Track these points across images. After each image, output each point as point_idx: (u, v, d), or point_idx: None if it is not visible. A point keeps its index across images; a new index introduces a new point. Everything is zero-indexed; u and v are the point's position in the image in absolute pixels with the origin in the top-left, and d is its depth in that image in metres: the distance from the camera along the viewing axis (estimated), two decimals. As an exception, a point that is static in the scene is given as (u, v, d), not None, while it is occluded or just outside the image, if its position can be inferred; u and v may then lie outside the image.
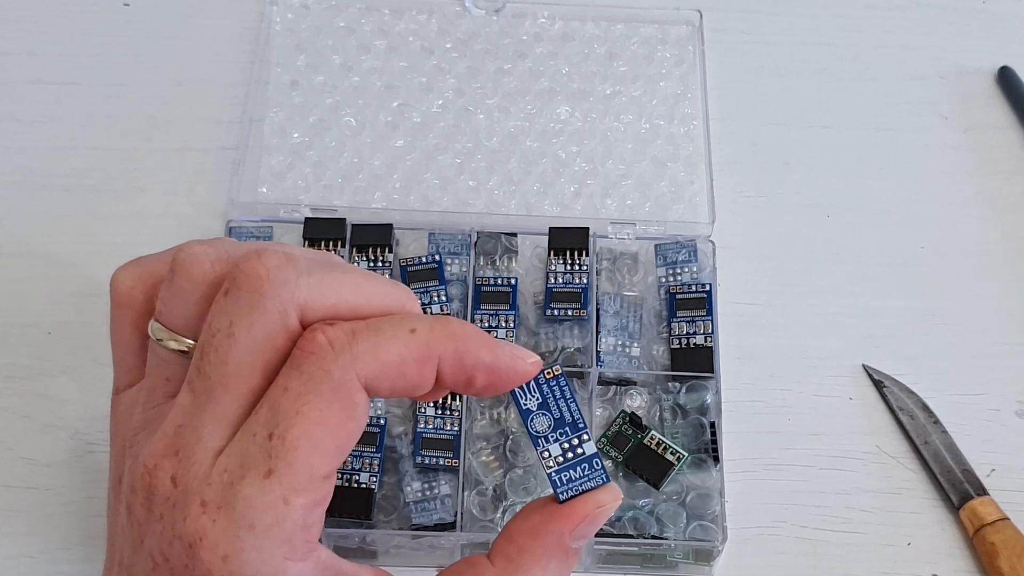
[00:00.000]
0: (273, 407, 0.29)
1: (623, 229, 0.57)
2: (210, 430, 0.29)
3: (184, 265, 0.32)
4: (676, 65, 0.64)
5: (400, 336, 0.30)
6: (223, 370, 0.29)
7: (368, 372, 0.29)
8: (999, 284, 0.58)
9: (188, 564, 0.28)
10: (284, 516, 0.28)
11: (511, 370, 0.32)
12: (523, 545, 0.32)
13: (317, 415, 0.28)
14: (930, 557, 0.51)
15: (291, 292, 0.30)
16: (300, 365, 0.29)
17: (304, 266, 0.30)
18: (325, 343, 0.29)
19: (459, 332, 0.31)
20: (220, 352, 0.29)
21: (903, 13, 0.67)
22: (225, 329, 0.29)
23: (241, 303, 0.29)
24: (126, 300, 0.34)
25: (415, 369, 0.30)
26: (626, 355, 0.54)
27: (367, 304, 0.31)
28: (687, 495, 0.51)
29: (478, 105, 0.62)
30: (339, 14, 0.64)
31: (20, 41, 0.64)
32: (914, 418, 0.54)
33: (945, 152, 0.62)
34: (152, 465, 0.29)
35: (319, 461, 0.29)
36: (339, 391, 0.29)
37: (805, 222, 0.60)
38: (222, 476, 0.28)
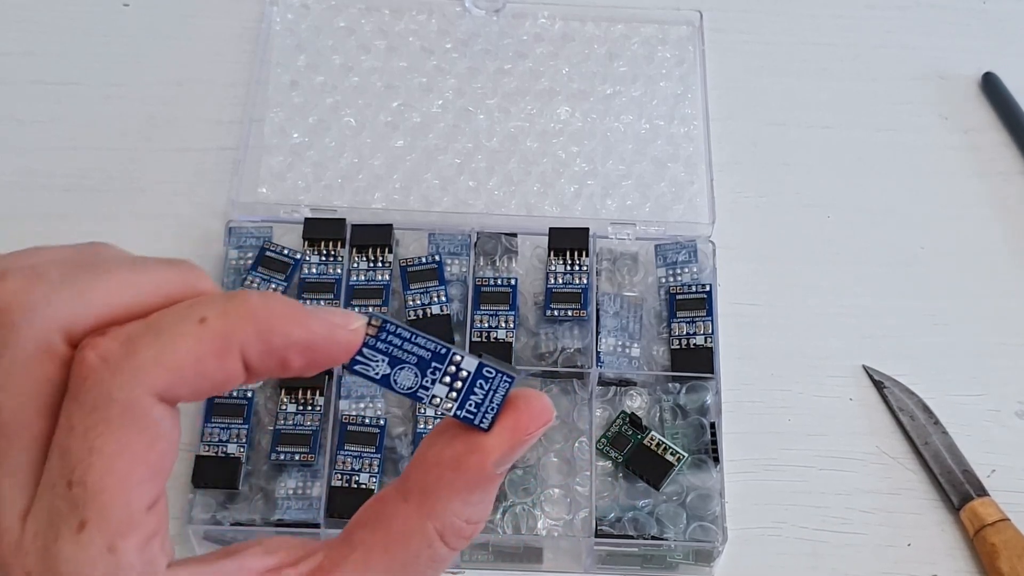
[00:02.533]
0: (63, 452, 0.25)
1: (623, 229, 0.57)
2: (8, 492, 0.26)
3: None
4: (676, 65, 0.64)
5: (187, 331, 0.25)
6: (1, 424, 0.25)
7: (158, 383, 0.25)
8: (999, 285, 0.58)
9: None
10: (116, 565, 0.25)
11: (331, 343, 0.27)
12: (441, 477, 0.28)
13: (114, 448, 0.25)
14: (930, 558, 0.51)
15: (44, 314, 0.26)
16: (77, 395, 0.25)
17: (56, 277, 0.26)
18: (97, 361, 0.25)
19: (260, 310, 0.26)
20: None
21: (903, 13, 0.67)
22: None
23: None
24: None
25: (214, 364, 0.26)
26: (626, 356, 0.54)
27: (144, 298, 0.27)
28: (687, 496, 0.51)
29: (478, 105, 0.62)
30: (339, 14, 0.64)
31: (20, 41, 0.64)
32: (914, 419, 0.54)
33: (945, 152, 0.62)
34: None
35: (135, 495, 0.25)
36: (129, 413, 0.25)
37: (805, 222, 0.60)
38: (35, 542, 0.25)
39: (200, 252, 0.57)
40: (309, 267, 0.55)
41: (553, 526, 0.51)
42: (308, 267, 0.55)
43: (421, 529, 0.28)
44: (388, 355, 0.29)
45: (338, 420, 0.51)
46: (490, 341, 0.53)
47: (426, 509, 0.28)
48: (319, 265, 0.55)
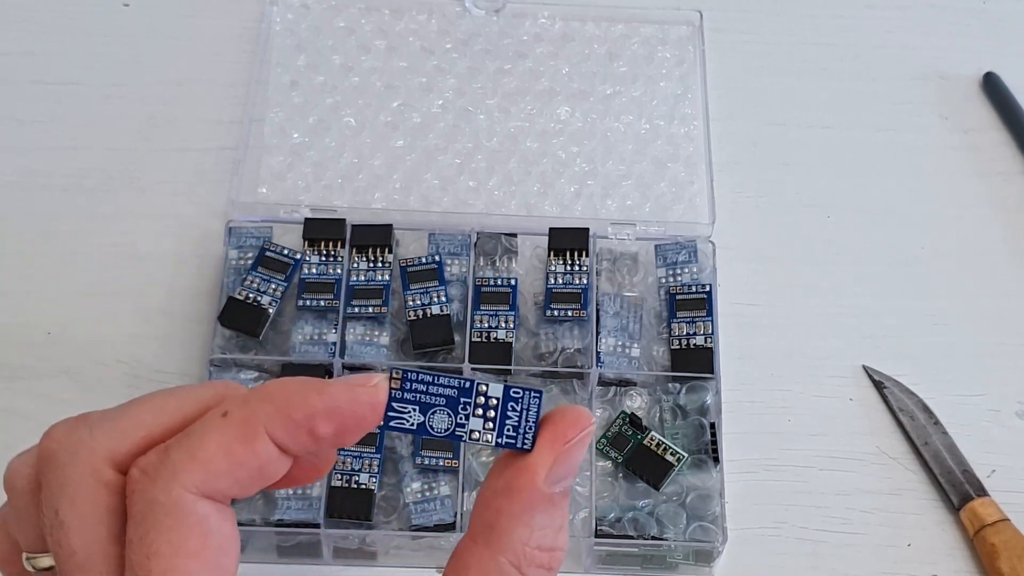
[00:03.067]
0: (129, 567, 0.26)
1: (623, 229, 0.57)
2: None
3: (9, 482, 0.30)
4: (676, 65, 0.64)
5: (211, 426, 0.27)
6: (74, 561, 0.27)
7: (194, 479, 0.26)
8: (999, 285, 0.58)
9: None
10: None
11: (354, 403, 0.28)
12: (499, 508, 0.29)
13: (168, 548, 0.26)
14: (930, 558, 0.51)
15: (90, 448, 0.27)
16: (131, 509, 0.27)
17: (95, 418, 0.28)
18: (138, 474, 0.27)
19: (276, 390, 0.27)
20: (63, 544, 0.27)
21: (903, 13, 0.67)
22: (54, 519, 0.27)
23: (52, 485, 0.27)
24: None
25: (243, 452, 0.27)
26: (626, 356, 0.54)
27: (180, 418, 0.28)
28: (687, 496, 0.51)
29: (478, 105, 0.62)
30: (339, 14, 0.64)
31: (20, 41, 0.64)
32: (914, 419, 0.54)
33: (945, 152, 0.62)
34: None
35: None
36: (174, 514, 0.26)
37: (805, 222, 0.60)
38: None
39: (200, 252, 0.57)
40: (309, 267, 0.55)
41: (553, 526, 0.51)
42: (308, 267, 0.55)
43: (496, 567, 0.28)
44: (417, 403, 0.29)
45: (338, 420, 0.51)
46: (490, 341, 0.53)
47: (494, 545, 0.29)
48: (319, 265, 0.55)
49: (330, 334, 0.53)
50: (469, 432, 0.29)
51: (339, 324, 0.53)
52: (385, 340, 0.54)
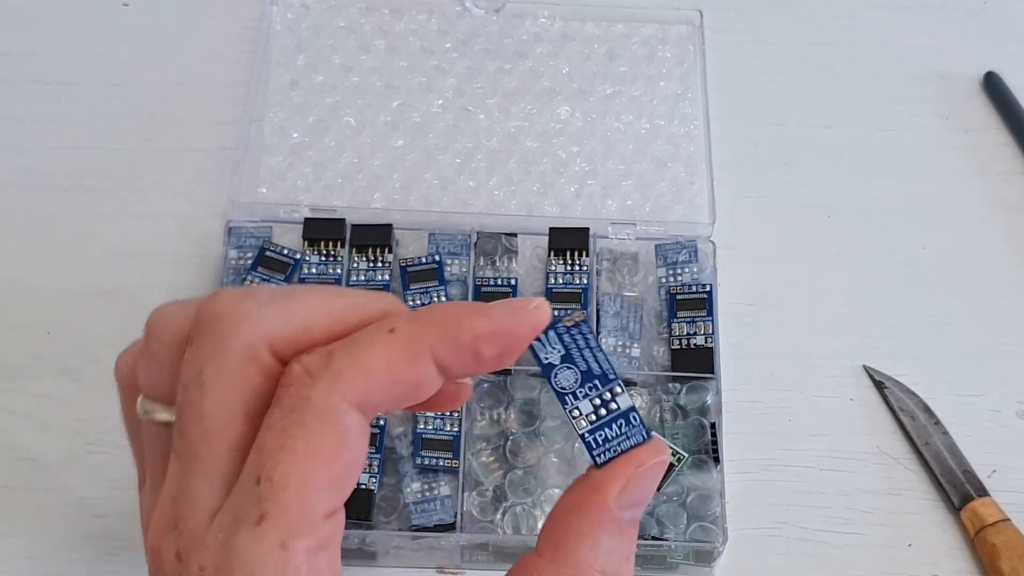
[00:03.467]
0: (258, 449, 0.26)
1: (623, 229, 0.57)
2: (203, 493, 0.27)
3: (152, 329, 0.29)
4: (676, 65, 0.64)
5: (378, 340, 0.27)
6: (202, 424, 0.27)
7: (354, 390, 0.27)
8: (1000, 284, 0.58)
9: None
10: (284, 562, 0.25)
11: (516, 326, 0.28)
12: (568, 526, 0.29)
13: (304, 448, 0.26)
14: (931, 558, 0.51)
15: (254, 325, 0.27)
16: (280, 400, 0.27)
17: (265, 296, 0.28)
18: (301, 372, 0.27)
19: (443, 313, 0.28)
20: (195, 405, 0.27)
21: (903, 13, 0.67)
22: (195, 379, 0.27)
23: (205, 347, 0.27)
24: (125, 382, 0.32)
25: (406, 370, 0.27)
26: (626, 356, 0.54)
27: (343, 321, 0.28)
28: (687, 496, 0.51)
29: (478, 105, 0.62)
30: (339, 14, 0.64)
31: (20, 41, 0.64)
32: (915, 419, 0.54)
33: (945, 152, 0.62)
34: (156, 547, 0.27)
35: (315, 497, 0.26)
36: (323, 418, 0.26)
37: (805, 222, 0.60)
38: (217, 536, 0.26)
39: (200, 252, 0.57)
40: (309, 267, 0.55)
41: (553, 526, 0.51)
42: (308, 267, 0.55)
43: None
44: (565, 349, 0.29)
45: (338, 420, 0.51)
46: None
47: (559, 560, 0.29)
48: (319, 265, 0.55)
49: (330, 334, 0.53)
50: (575, 407, 0.29)
51: (339, 324, 0.53)
52: (385, 340, 0.54)
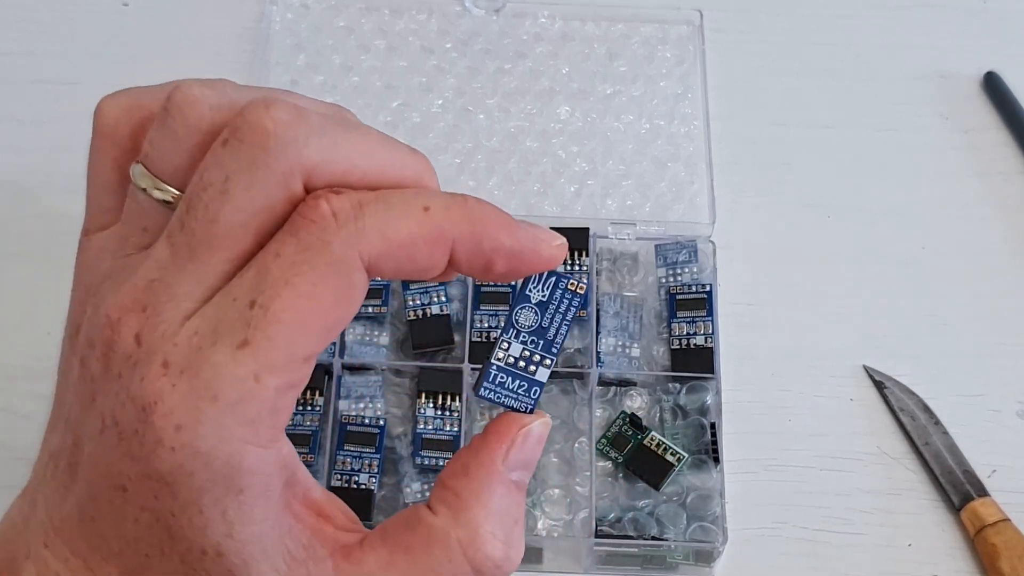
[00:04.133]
0: (261, 272, 0.26)
1: (623, 229, 0.57)
2: (186, 290, 0.26)
3: (180, 106, 0.29)
4: (676, 65, 0.64)
5: (412, 213, 0.27)
6: (211, 228, 0.26)
7: (372, 250, 0.26)
8: (1000, 285, 0.58)
9: (138, 429, 0.25)
10: (252, 394, 0.25)
11: (534, 254, 0.29)
12: (457, 487, 0.29)
13: (309, 289, 0.25)
14: (931, 558, 0.51)
15: (299, 152, 0.26)
16: (298, 232, 0.26)
17: (316, 124, 0.27)
18: (328, 212, 0.26)
19: (477, 213, 0.28)
20: (210, 208, 0.26)
21: (903, 13, 0.67)
22: (219, 184, 0.26)
23: (241, 157, 0.26)
24: (110, 133, 0.31)
25: (425, 251, 0.27)
26: (626, 356, 0.54)
27: (380, 173, 0.28)
28: (687, 496, 0.51)
29: (478, 105, 0.62)
30: (339, 14, 0.64)
31: (20, 41, 0.64)
32: (915, 419, 0.54)
33: (945, 152, 0.62)
34: (116, 318, 0.26)
35: (302, 340, 0.25)
36: (337, 267, 0.26)
37: (805, 222, 0.60)
38: (191, 339, 0.25)
39: (200, 252, 0.57)
40: (309, 267, 0.55)
41: (553, 526, 0.51)
42: (308, 267, 0.55)
43: (444, 539, 0.29)
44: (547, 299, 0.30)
45: (337, 420, 0.51)
46: (490, 341, 0.53)
47: (449, 517, 0.29)
48: (319, 265, 0.55)
49: (330, 334, 0.53)
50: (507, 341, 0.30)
51: (339, 324, 0.53)
52: (385, 340, 0.54)
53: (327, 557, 0.27)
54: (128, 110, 0.31)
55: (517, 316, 0.30)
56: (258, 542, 0.26)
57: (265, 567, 0.26)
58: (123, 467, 0.26)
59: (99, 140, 0.31)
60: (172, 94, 0.29)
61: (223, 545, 0.26)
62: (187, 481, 0.25)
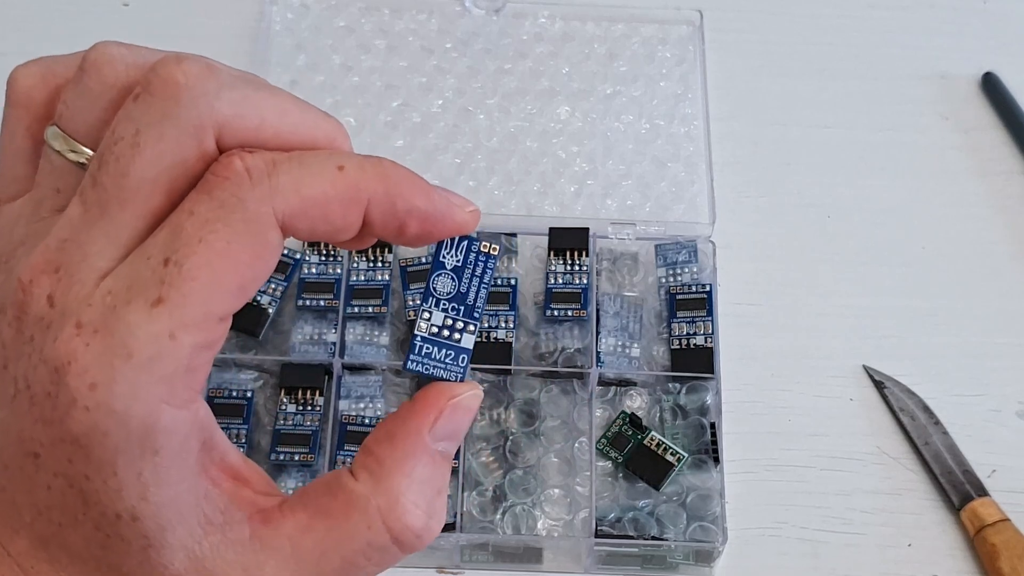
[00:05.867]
0: (175, 230, 0.25)
1: (623, 229, 0.57)
2: (99, 248, 0.26)
3: (95, 65, 0.28)
4: (676, 65, 0.64)
5: (326, 172, 0.27)
6: (122, 183, 0.26)
7: (287, 208, 0.26)
8: (1000, 285, 0.58)
9: (51, 391, 0.25)
10: (168, 352, 0.25)
11: (448, 218, 0.29)
12: (381, 454, 0.29)
13: (223, 246, 0.25)
14: (931, 558, 0.51)
15: (210, 105, 0.26)
16: (211, 190, 0.26)
17: (227, 79, 0.27)
18: (242, 170, 0.26)
19: (392, 174, 0.28)
20: (121, 162, 0.26)
21: (903, 13, 0.67)
22: (130, 137, 0.26)
23: (152, 110, 0.26)
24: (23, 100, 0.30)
25: (339, 210, 0.27)
26: (626, 356, 0.54)
27: (292, 132, 0.28)
28: (687, 496, 0.51)
29: (478, 105, 0.62)
30: (339, 14, 0.64)
31: (20, 41, 0.64)
32: (915, 419, 0.54)
33: (945, 152, 0.62)
34: (28, 281, 0.26)
35: (218, 298, 0.25)
36: (252, 224, 0.26)
37: (805, 222, 0.60)
38: (105, 298, 0.25)
39: (200, 252, 0.57)
40: (309, 267, 0.55)
41: (553, 526, 0.51)
42: (308, 267, 0.55)
43: (363, 505, 0.28)
44: (463, 263, 0.30)
45: (338, 420, 0.51)
46: (490, 341, 0.53)
47: (371, 484, 0.28)
48: (319, 265, 0.55)
49: (330, 334, 0.53)
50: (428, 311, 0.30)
51: (339, 324, 0.53)
52: (385, 340, 0.54)
53: (244, 520, 0.27)
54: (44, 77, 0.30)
55: (434, 284, 0.30)
56: (173, 505, 0.26)
57: (181, 531, 0.26)
58: (35, 432, 0.25)
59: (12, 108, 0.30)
60: (88, 53, 0.28)
61: (138, 508, 0.25)
62: (102, 441, 0.25)
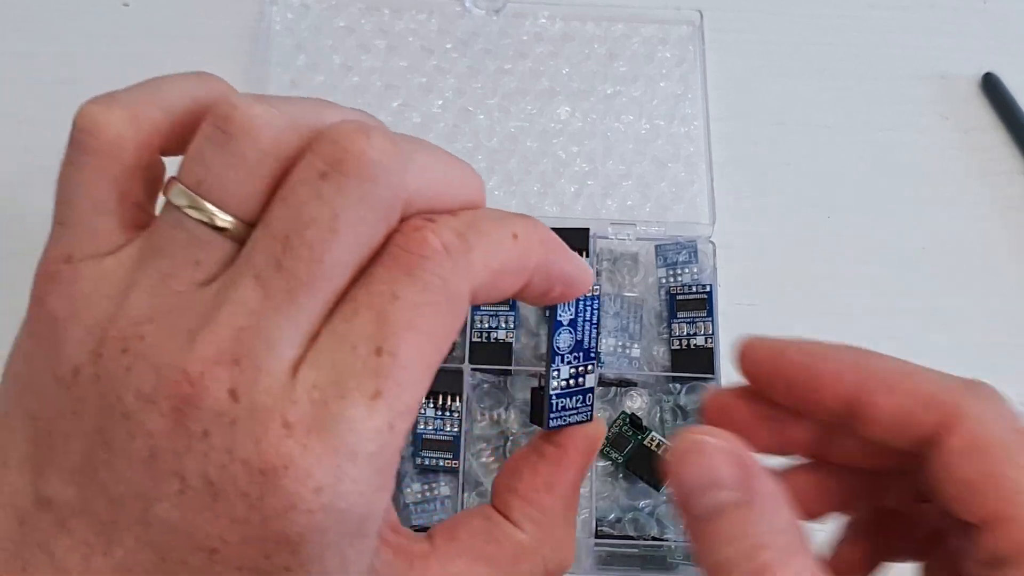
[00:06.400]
0: (381, 318, 0.24)
1: (623, 230, 0.57)
2: (284, 336, 0.24)
3: (248, 129, 0.26)
4: (676, 65, 0.64)
5: (505, 242, 0.26)
6: (315, 270, 0.24)
7: (478, 281, 0.25)
8: (1000, 285, 0.58)
9: (252, 493, 0.23)
10: (388, 444, 0.24)
11: (582, 283, 0.29)
12: (544, 505, 0.29)
13: (431, 329, 0.24)
14: (930, 558, 0.51)
15: (403, 182, 0.25)
16: (412, 271, 0.24)
17: (406, 148, 0.26)
18: (440, 247, 0.25)
19: (548, 239, 0.27)
20: (316, 248, 0.24)
21: (903, 13, 0.67)
22: (327, 222, 0.24)
23: (349, 193, 0.24)
24: (112, 150, 0.28)
25: (512, 279, 0.27)
26: (626, 356, 0.54)
27: (449, 193, 0.27)
28: (687, 496, 0.51)
29: (478, 105, 0.62)
30: (339, 14, 0.64)
31: (20, 41, 0.64)
32: (914, 419, 0.54)
33: (945, 152, 0.62)
34: (198, 373, 0.23)
35: (427, 381, 0.25)
36: (455, 304, 0.25)
37: (805, 222, 0.60)
38: (311, 394, 0.24)
39: (200, 252, 0.57)
40: (309, 267, 0.55)
41: (553, 526, 0.51)
42: (308, 267, 0.55)
43: (532, 555, 0.28)
44: (576, 315, 0.30)
45: (338, 420, 0.51)
46: (490, 341, 0.53)
47: (539, 536, 0.29)
48: (319, 265, 0.55)
49: (330, 334, 0.53)
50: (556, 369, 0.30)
51: (339, 324, 0.53)
52: (385, 340, 0.54)
53: (408, 570, 0.27)
54: (134, 125, 0.28)
55: (557, 343, 0.30)
56: None
57: None
58: (218, 530, 0.24)
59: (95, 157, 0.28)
60: (231, 114, 0.27)
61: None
62: (318, 539, 0.24)
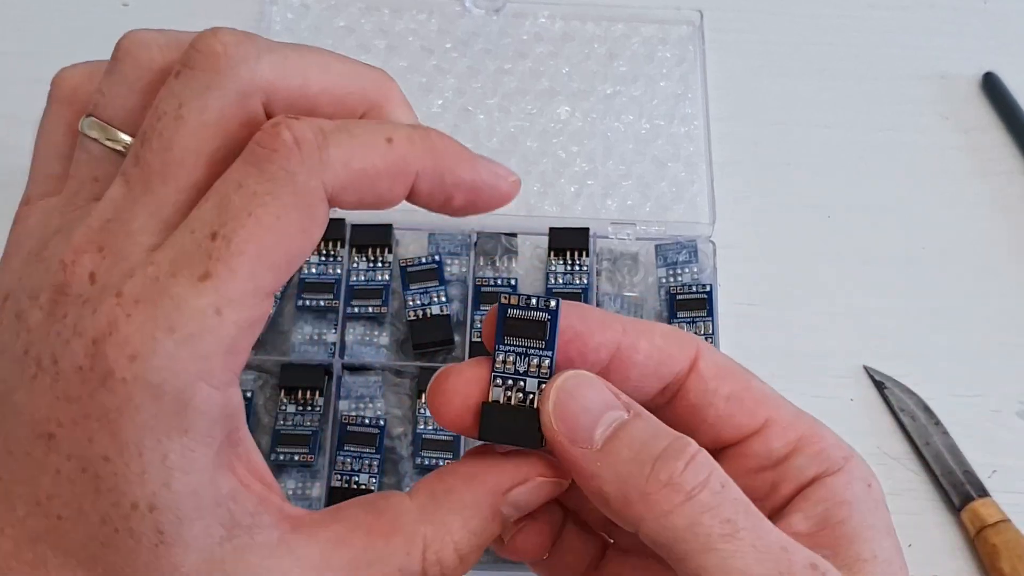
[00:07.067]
0: (222, 203, 0.25)
1: (623, 229, 0.57)
2: (143, 224, 0.25)
3: (128, 50, 0.28)
4: (676, 65, 0.64)
5: (376, 145, 0.26)
6: (166, 157, 0.25)
7: (335, 182, 0.25)
8: (1000, 284, 0.58)
9: (84, 365, 0.24)
10: (211, 328, 0.24)
11: (493, 189, 0.29)
12: (452, 487, 0.28)
13: (272, 221, 0.25)
14: (931, 559, 0.51)
15: (252, 69, 0.26)
16: (260, 162, 0.25)
17: (265, 44, 0.27)
18: (291, 141, 0.25)
19: (440, 146, 0.28)
20: (164, 136, 0.25)
21: (903, 13, 0.67)
22: (173, 111, 0.26)
23: (195, 83, 0.26)
24: (68, 96, 0.30)
25: (387, 184, 0.27)
26: (626, 355, 0.54)
27: (339, 88, 0.27)
28: (687, 496, 0.51)
29: (478, 105, 0.62)
30: (339, 14, 0.64)
31: (20, 41, 0.64)
32: (915, 419, 0.54)
33: (945, 152, 0.62)
34: (70, 260, 0.25)
35: (265, 274, 0.25)
36: (302, 198, 0.25)
37: (805, 222, 0.60)
38: (148, 270, 0.24)
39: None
40: (309, 267, 0.55)
41: (553, 526, 0.51)
42: (308, 267, 0.55)
43: (411, 528, 0.27)
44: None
45: (338, 420, 0.51)
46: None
47: (425, 514, 0.28)
48: (319, 265, 0.55)
49: (330, 334, 0.53)
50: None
51: (339, 324, 0.53)
52: (385, 340, 0.54)
53: (273, 525, 0.26)
54: (88, 75, 0.30)
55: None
56: (195, 497, 0.25)
57: (199, 527, 0.25)
58: (55, 411, 0.24)
59: (56, 104, 0.30)
60: (120, 41, 0.29)
61: (157, 496, 0.24)
62: (133, 416, 0.24)
